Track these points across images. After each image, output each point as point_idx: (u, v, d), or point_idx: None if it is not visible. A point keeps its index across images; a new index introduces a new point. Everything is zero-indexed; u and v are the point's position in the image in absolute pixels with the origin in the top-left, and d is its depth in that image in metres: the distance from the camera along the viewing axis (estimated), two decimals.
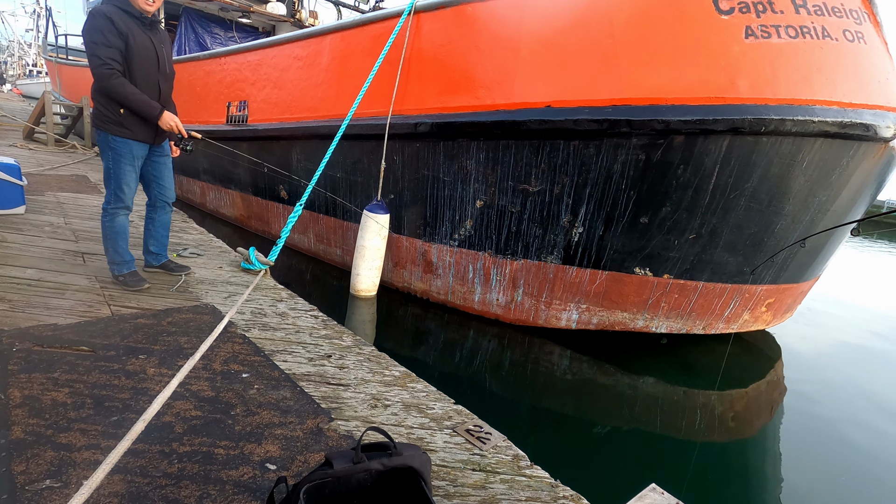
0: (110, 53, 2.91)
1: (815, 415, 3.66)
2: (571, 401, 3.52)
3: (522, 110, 3.83)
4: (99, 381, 2.12)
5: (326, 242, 5.81)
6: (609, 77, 3.57)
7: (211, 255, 4.37)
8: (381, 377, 2.48)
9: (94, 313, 2.80)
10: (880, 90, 3.54)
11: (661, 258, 3.84)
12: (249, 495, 1.60)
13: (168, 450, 1.76)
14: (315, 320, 3.15)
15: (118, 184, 3.14)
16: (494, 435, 2.06)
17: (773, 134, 3.35)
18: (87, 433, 1.79)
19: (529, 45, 3.84)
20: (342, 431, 1.99)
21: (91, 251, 3.89)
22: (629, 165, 3.62)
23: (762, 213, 3.65)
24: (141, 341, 2.54)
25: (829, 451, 3.19)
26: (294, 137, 5.61)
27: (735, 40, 3.37)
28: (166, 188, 3.43)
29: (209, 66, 7.08)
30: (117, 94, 2.96)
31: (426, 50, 4.39)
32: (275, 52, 5.94)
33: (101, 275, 3.39)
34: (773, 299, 4.28)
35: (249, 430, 1.93)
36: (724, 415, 3.52)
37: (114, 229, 3.21)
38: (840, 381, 4.35)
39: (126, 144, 3.09)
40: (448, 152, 4.30)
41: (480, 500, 1.69)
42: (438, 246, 4.63)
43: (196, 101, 7.26)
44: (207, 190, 8.10)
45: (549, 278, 4.16)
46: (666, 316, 4.09)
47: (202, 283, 3.57)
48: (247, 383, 2.27)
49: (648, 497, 1.48)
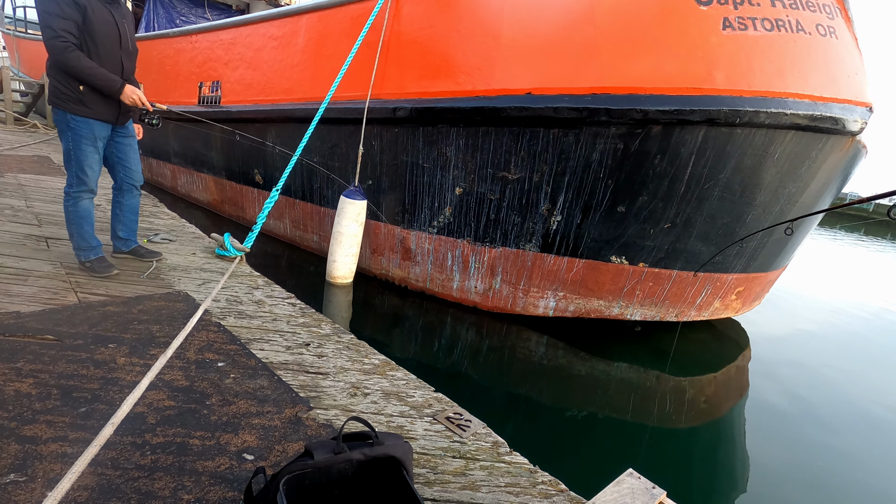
0: (65, 25, 2.74)
1: (780, 396, 3.79)
2: (548, 387, 3.56)
3: (503, 97, 3.81)
4: (66, 371, 2.05)
5: (303, 228, 5.72)
6: (590, 65, 3.57)
7: (183, 240, 4.26)
8: (361, 365, 2.46)
9: (60, 300, 2.70)
10: (849, 84, 3.63)
11: (637, 247, 3.90)
12: (226, 486, 1.57)
13: (140, 441, 1.72)
14: (293, 308, 3.10)
15: (80, 166, 3.00)
16: (474, 422, 2.07)
17: (748, 126, 3.40)
18: (54, 425, 1.73)
19: (511, 30, 3.81)
20: (321, 420, 1.97)
21: (55, 236, 3.75)
22: (607, 154, 3.64)
23: (734, 204, 3.72)
24: (110, 329, 2.46)
25: (794, 430, 3.31)
26: (269, 120, 5.49)
27: (713, 31, 3.41)
28: (133, 171, 3.30)
29: (179, 43, 6.85)
30: (73, 68, 2.80)
31: (406, 33, 4.32)
32: (249, 31, 5.77)
33: (66, 260, 3.27)
34: (742, 288, 4.39)
35: (226, 420, 1.89)
36: (696, 399, 3.62)
37: (78, 214, 3.08)
38: (804, 366, 4.51)
39: (87, 124, 2.95)
40: (427, 138, 4.26)
41: (461, 486, 1.70)
42: (417, 233, 4.60)
43: (166, 81, 7.03)
44: (179, 173, 7.88)
45: (527, 266, 4.18)
46: (640, 304, 4.16)
47: (175, 270, 3.47)
48: (223, 372, 2.22)
49: (626, 482, 1.50)
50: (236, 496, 1.53)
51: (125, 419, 1.76)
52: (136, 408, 1.86)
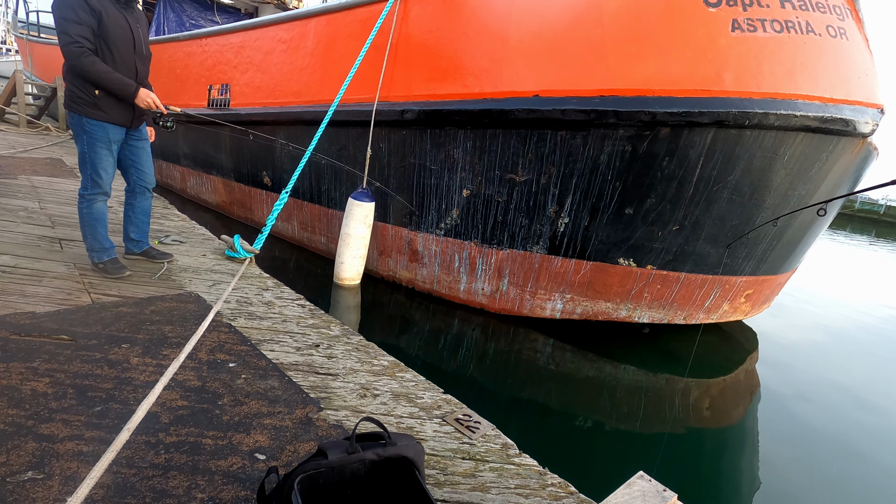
0: (81, 31, 2.79)
1: (790, 399, 3.77)
2: (556, 389, 3.56)
3: (510, 99, 3.82)
4: (80, 371, 2.08)
5: (311, 230, 5.75)
6: (597, 67, 3.58)
7: (194, 242, 4.30)
8: (370, 367, 2.48)
9: (74, 301, 2.74)
10: (860, 86, 3.61)
11: (645, 249, 3.89)
12: (239, 485, 1.59)
13: (154, 440, 1.74)
14: (302, 309, 3.12)
15: (94, 169, 3.04)
16: (483, 424, 2.08)
17: (757, 127, 3.40)
18: (70, 424, 1.75)
19: (519, 33, 3.82)
20: (332, 421, 1.98)
21: (68, 237, 3.80)
22: (615, 156, 3.64)
23: (743, 206, 3.71)
24: (123, 330, 2.49)
25: (805, 433, 3.30)
26: (278, 123, 5.53)
27: (722, 33, 3.40)
28: (145, 173, 3.35)
29: (189, 47, 6.92)
30: (89, 72, 2.85)
31: (414, 36, 4.34)
32: (258, 35, 5.82)
33: (79, 262, 3.31)
34: (751, 290, 4.37)
35: (237, 420, 1.91)
36: (705, 401, 3.61)
37: (92, 216, 3.12)
38: (814, 368, 4.49)
39: (102, 128, 2.99)
40: (435, 140, 4.28)
41: (471, 487, 1.71)
42: (424, 235, 4.62)
43: (176, 84, 7.09)
44: (188, 175, 7.95)
45: (534, 268, 4.19)
46: (648, 306, 4.15)
47: (185, 271, 3.51)
48: (234, 373, 2.24)
49: (636, 484, 1.51)
50: (249, 495, 1.55)
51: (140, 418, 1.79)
52: (150, 408, 1.89)
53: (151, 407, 1.89)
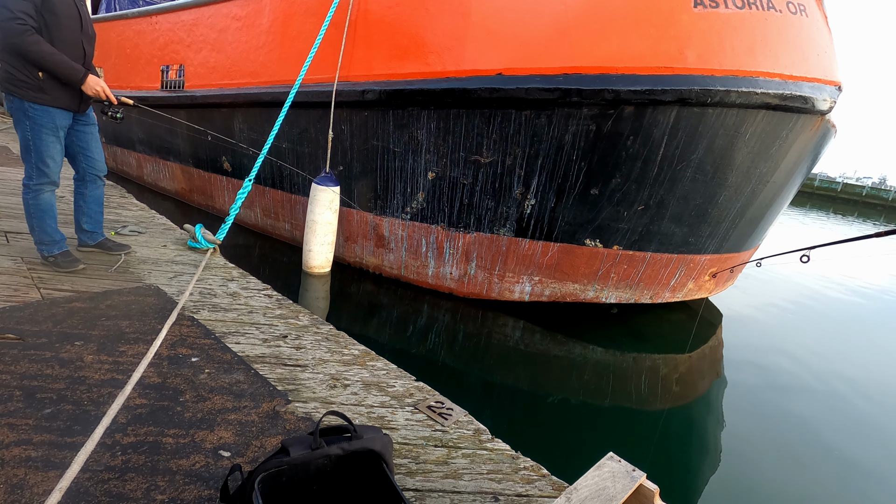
0: (23, 6, 2.58)
1: (752, 374, 3.89)
2: (527, 372, 3.58)
3: (473, 77, 3.75)
4: (29, 371, 1.96)
5: (274, 217, 5.60)
6: (561, 45, 3.54)
7: (153, 232, 4.12)
8: (340, 356, 2.43)
9: (22, 297, 2.59)
10: (819, 63, 3.68)
11: (611, 230, 3.92)
12: (202, 485, 1.53)
13: (110, 441, 1.66)
14: (269, 300, 3.04)
15: (40, 157, 2.85)
16: (456, 410, 2.06)
17: (719, 105, 3.43)
18: (17, 428, 1.66)
19: (481, 8, 3.74)
20: (300, 413, 1.93)
21: (15, 230, 3.59)
22: (580, 136, 3.63)
23: (707, 185, 3.77)
24: (76, 326, 2.36)
25: (766, 405, 3.42)
26: (235, 105, 5.32)
27: (684, 9, 3.40)
28: (95, 160, 3.17)
29: (139, 25, 6.57)
30: (32, 52, 2.64)
31: (373, 11, 4.20)
32: (211, 12, 5.56)
33: (27, 255, 3.13)
34: (716, 268, 4.46)
35: (200, 417, 1.84)
36: (672, 379, 3.69)
37: (39, 207, 2.94)
38: (775, 342, 4.64)
39: (47, 112, 2.80)
40: (398, 122, 4.18)
41: (443, 475, 1.69)
42: (390, 219, 4.55)
43: (126, 65, 6.74)
44: (144, 162, 7.63)
45: (501, 251, 4.18)
46: (615, 286, 4.20)
47: (145, 263, 3.36)
48: (196, 368, 2.16)
49: (607, 465, 1.52)
50: (213, 494, 1.50)
51: (92, 420, 1.70)
52: (104, 408, 1.80)
53: (105, 407, 1.80)
